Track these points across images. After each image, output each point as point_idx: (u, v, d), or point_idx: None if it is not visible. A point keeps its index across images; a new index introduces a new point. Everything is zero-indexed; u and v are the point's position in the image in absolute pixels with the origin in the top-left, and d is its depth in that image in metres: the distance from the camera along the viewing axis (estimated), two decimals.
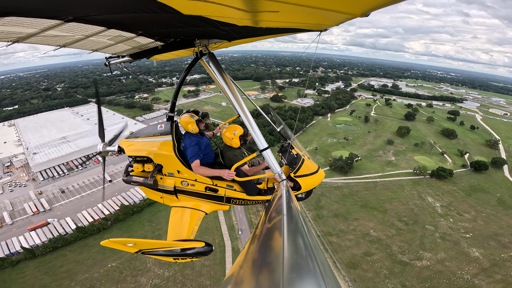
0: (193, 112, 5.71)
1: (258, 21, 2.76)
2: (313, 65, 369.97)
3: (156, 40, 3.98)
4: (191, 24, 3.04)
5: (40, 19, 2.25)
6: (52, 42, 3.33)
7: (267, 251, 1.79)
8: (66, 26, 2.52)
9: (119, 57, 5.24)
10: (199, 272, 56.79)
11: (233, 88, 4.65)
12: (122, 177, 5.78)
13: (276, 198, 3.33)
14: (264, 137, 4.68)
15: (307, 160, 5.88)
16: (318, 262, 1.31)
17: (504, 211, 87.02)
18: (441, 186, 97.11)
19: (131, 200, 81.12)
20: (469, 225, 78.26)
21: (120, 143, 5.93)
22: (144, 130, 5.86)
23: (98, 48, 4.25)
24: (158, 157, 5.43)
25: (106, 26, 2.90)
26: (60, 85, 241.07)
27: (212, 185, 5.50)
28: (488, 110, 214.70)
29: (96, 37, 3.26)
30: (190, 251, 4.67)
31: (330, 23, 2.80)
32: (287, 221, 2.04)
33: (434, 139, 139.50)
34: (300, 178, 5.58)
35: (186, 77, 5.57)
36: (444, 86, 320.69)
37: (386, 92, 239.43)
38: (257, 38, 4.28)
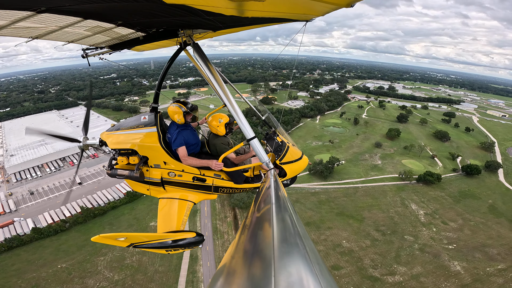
0: (182, 103, 5.55)
1: (244, 10, 2.65)
2: (311, 68, 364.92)
3: (137, 30, 3.77)
4: (174, 13, 2.87)
5: (10, 10, 2.11)
6: (24, 34, 3.12)
7: (257, 240, 1.78)
8: (38, 17, 2.36)
9: (97, 49, 4.87)
10: (151, 277, 53.99)
11: (218, 78, 4.42)
12: (106, 170, 5.45)
13: (265, 187, 3.27)
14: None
15: (292, 147, 5.77)
16: (307, 249, 1.32)
17: (495, 219, 79.24)
18: (427, 192, 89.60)
19: (95, 202, 78.59)
20: (454, 235, 70.75)
21: (102, 135, 5.61)
22: (126, 122, 5.49)
23: (74, 39, 4.00)
24: (143, 149, 5.22)
25: (82, 17, 2.70)
26: (55, 88, 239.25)
27: (199, 175, 5.35)
28: (485, 111, 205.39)
29: (71, 28, 3.05)
30: (181, 242, 4.54)
31: (315, 13, 2.71)
32: (276, 210, 2.05)
33: (426, 142, 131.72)
34: (285, 165, 5.48)
35: (169, 68, 5.28)
36: (442, 88, 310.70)
37: (382, 94, 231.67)
38: (242, 28, 4.20)
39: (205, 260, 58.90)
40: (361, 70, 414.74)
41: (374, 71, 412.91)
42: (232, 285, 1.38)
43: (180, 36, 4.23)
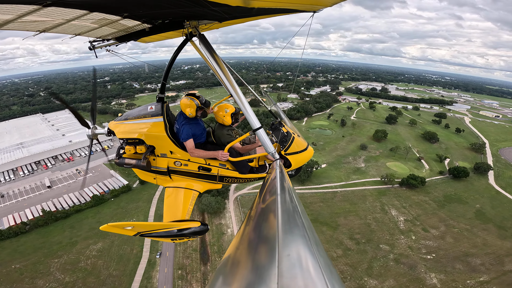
0: (196, 96, 5.32)
1: (250, 0, 2.65)
2: (305, 70, 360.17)
3: (143, 22, 3.76)
4: (180, 5, 2.87)
5: (16, 5, 2.13)
6: (31, 28, 3.13)
7: (262, 231, 1.77)
8: (45, 10, 2.34)
9: (103, 41, 4.81)
10: (103, 281, 51.93)
11: (224, 69, 4.38)
12: (114, 159, 5.56)
13: (270, 178, 3.24)
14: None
15: (297, 137, 5.60)
16: (311, 241, 1.31)
17: (482, 225, 73.02)
18: (410, 197, 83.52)
19: (59, 206, 76.30)
20: (434, 244, 64.58)
21: (110, 125, 5.62)
22: (134, 111, 5.45)
23: (81, 32, 3.95)
24: (150, 138, 5.23)
25: (89, 9, 2.67)
26: (47, 91, 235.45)
27: (205, 165, 5.32)
28: (478, 112, 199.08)
29: (78, 20, 3.02)
30: (187, 231, 4.53)
31: (323, 4, 2.68)
32: (281, 201, 2.02)
33: (414, 143, 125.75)
34: (290, 155, 5.38)
35: (175, 58, 5.08)
36: (436, 89, 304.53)
37: (374, 96, 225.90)
38: (248, 19, 4.08)
39: (163, 266, 56.02)
40: (356, 72, 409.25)
41: (369, 73, 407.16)
42: (236, 275, 1.37)
43: (186, 27, 4.16)
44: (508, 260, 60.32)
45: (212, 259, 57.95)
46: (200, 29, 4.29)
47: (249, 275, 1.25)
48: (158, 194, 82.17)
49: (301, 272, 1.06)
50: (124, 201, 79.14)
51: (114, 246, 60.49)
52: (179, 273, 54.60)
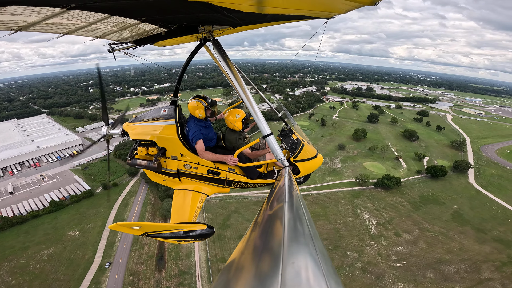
0: (203, 98, 5.41)
1: (264, 7, 2.67)
2: (293, 71, 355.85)
3: (159, 26, 3.83)
4: (195, 10, 2.92)
5: (42, 7, 2.20)
6: (55, 30, 3.20)
7: (268, 238, 1.75)
8: (68, 13, 2.43)
9: (122, 44, 4.92)
10: (49, 285, 50.21)
11: (237, 75, 4.33)
12: (127, 160, 5.55)
13: (279, 185, 3.21)
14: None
15: (307, 145, 5.58)
16: (317, 250, 1.28)
17: (459, 227, 67.64)
18: (385, 198, 77.94)
19: (17, 211, 72.82)
20: (405, 250, 58.83)
21: (124, 126, 5.62)
22: (147, 114, 5.48)
23: (102, 35, 4.08)
24: (162, 141, 5.23)
25: (109, 13, 2.77)
26: (27, 96, 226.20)
27: (214, 168, 5.27)
28: (461, 110, 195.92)
29: (99, 24, 3.12)
30: (193, 233, 4.50)
31: (337, 11, 2.63)
32: (288, 209, 2.00)
33: (394, 142, 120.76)
34: (299, 162, 5.31)
35: (189, 62, 5.15)
36: (420, 88, 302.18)
37: (358, 95, 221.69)
38: (262, 25, 4.12)
39: (114, 272, 53.36)
40: (344, 72, 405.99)
41: (356, 73, 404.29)
42: (240, 280, 1.35)
43: (201, 32, 4.18)
44: (486, 266, 54.85)
45: (168, 266, 54.45)
46: (214, 34, 4.27)
47: (252, 281, 1.23)
48: (120, 199, 78.23)
49: (305, 281, 1.03)
50: (84, 206, 75.30)
51: (66, 251, 57.97)
52: (130, 279, 51.64)
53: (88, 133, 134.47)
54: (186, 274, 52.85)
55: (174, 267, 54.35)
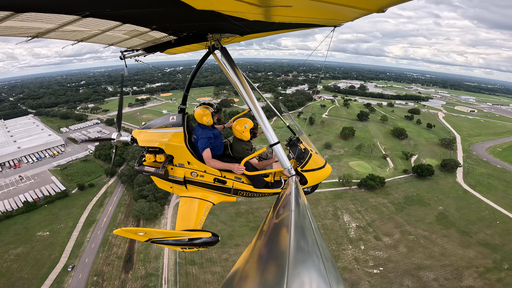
0: (208, 105, 5.44)
1: (271, 15, 2.68)
2: (288, 70, 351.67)
3: (169, 34, 3.89)
4: (204, 18, 2.95)
5: (58, 14, 2.25)
6: (70, 37, 3.29)
7: (273, 247, 1.73)
8: (83, 21, 2.50)
9: (133, 51, 4.96)
10: (13, 283, 49.54)
11: (245, 83, 4.29)
12: (135, 166, 5.40)
13: (285, 194, 3.19)
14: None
15: (315, 154, 5.49)
16: (323, 260, 1.27)
17: (443, 230, 63.59)
18: (368, 199, 73.86)
19: None
20: (384, 255, 54.76)
21: (133, 133, 5.54)
22: (156, 121, 5.44)
23: (114, 42, 4.18)
24: (170, 148, 5.17)
25: (122, 21, 2.84)
26: (17, 96, 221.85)
27: (220, 177, 5.21)
28: (453, 107, 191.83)
29: (111, 31, 3.19)
30: (197, 240, 4.54)
31: (344, 19, 2.67)
32: (295, 217, 1.97)
33: (383, 140, 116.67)
34: (307, 172, 5.20)
35: (198, 70, 5.27)
36: (414, 86, 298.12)
37: (351, 93, 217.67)
38: (269, 33, 4.14)
39: (78, 272, 52.33)
40: (339, 71, 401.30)
41: (351, 72, 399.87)
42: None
43: (209, 40, 4.20)
44: (468, 273, 50.85)
45: (136, 267, 52.85)
46: (222, 42, 4.29)
47: None
48: (95, 200, 75.88)
49: None
50: (58, 207, 73.25)
51: (33, 251, 57.01)
52: (94, 280, 50.52)
53: (71, 134, 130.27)
54: (153, 276, 50.81)
55: (141, 269, 52.68)
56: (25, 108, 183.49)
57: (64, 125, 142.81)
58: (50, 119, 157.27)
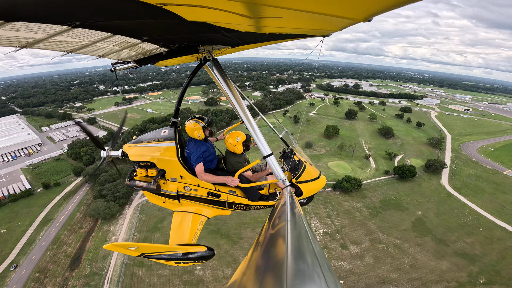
0: (199, 118, 5.22)
1: (261, 27, 2.67)
2: (283, 69, 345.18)
3: (160, 46, 3.80)
4: (195, 30, 2.95)
5: (48, 24, 2.19)
6: (60, 48, 3.22)
7: (270, 257, 1.71)
8: (73, 32, 2.43)
9: (124, 63, 4.81)
10: None
11: (236, 94, 4.23)
12: (126, 181, 5.27)
13: (280, 204, 3.18)
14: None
15: (309, 166, 5.33)
16: (322, 268, 1.24)
17: (417, 238, 57.46)
18: (341, 203, 67.77)
19: None
20: (348, 266, 48.84)
21: (124, 147, 5.37)
22: (148, 135, 5.31)
23: (104, 54, 4.05)
24: (162, 162, 5.02)
25: (112, 32, 2.78)
26: (10, 95, 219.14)
27: (214, 191, 5.09)
28: (448, 106, 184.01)
29: (102, 43, 3.13)
30: (192, 255, 4.47)
31: (333, 28, 2.71)
32: (291, 227, 1.95)
33: (368, 139, 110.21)
34: (301, 184, 5.06)
35: (189, 82, 5.00)
36: (411, 85, 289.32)
37: (344, 92, 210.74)
38: (260, 44, 4.15)
39: (23, 268, 50.94)
40: (336, 70, 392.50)
41: (348, 71, 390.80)
42: None
43: (201, 52, 4.17)
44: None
45: (82, 266, 51.19)
46: (214, 53, 4.26)
47: None
48: (57, 199, 73.54)
49: None
50: (20, 205, 70.98)
51: None
52: (36, 276, 49.23)
53: (51, 132, 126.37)
54: (96, 275, 48.91)
55: (87, 268, 50.97)
56: (14, 107, 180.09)
57: (47, 124, 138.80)
58: (35, 118, 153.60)
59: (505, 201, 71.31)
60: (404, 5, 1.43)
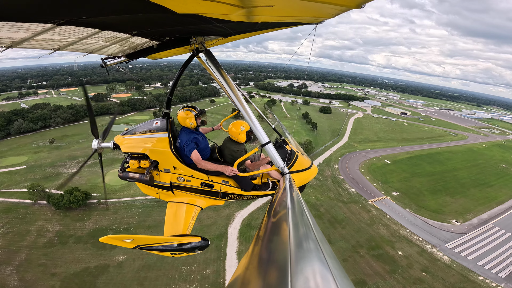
0: (191, 107, 4.77)
1: (253, 16, 2.46)
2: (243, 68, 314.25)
3: (151, 39, 3.49)
4: (186, 22, 2.68)
5: (31, 23, 2.01)
6: (46, 46, 2.97)
7: (273, 246, 1.61)
8: (58, 29, 2.22)
9: (114, 58, 4.45)
10: None
11: (231, 84, 3.90)
12: (118, 173, 4.76)
13: (280, 192, 3.01)
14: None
15: (301, 156, 4.89)
16: (324, 254, 1.16)
17: None
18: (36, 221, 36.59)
19: None
20: None
21: (116, 139, 4.81)
22: (140, 126, 4.79)
23: (93, 50, 3.74)
24: (154, 154, 4.56)
25: (99, 28, 2.54)
26: None
27: (208, 181, 4.69)
28: (384, 109, 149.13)
29: (90, 39, 2.86)
30: (187, 245, 4.06)
31: (325, 16, 2.53)
32: (292, 214, 1.86)
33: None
34: (294, 173, 4.62)
35: (181, 74, 4.55)
36: (367, 89, 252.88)
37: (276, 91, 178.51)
38: (253, 33, 3.77)
39: None
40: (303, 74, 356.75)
41: (313, 75, 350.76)
42: None
43: (193, 43, 3.77)
44: None
45: None
46: (206, 44, 3.86)
47: None
48: None
49: (315, 287, 0.93)
50: None
51: None
52: None
53: None
54: None
55: None
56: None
57: None
58: None
59: None
60: None
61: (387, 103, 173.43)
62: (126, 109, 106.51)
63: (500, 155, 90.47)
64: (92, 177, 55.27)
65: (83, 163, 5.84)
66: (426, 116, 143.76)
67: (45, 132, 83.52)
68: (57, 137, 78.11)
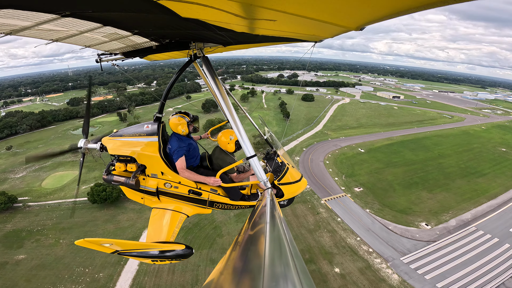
0: (184, 113, 4.68)
1: (255, 28, 2.49)
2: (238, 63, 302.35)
3: (151, 40, 3.45)
4: (188, 27, 2.67)
5: (37, 12, 1.95)
6: (45, 36, 2.85)
7: (248, 258, 1.58)
8: (62, 21, 2.16)
9: (111, 54, 4.34)
10: None
11: (224, 93, 3.80)
12: (103, 175, 4.60)
13: (260, 206, 2.96)
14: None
15: (291, 168, 4.90)
16: (298, 270, 1.15)
17: None
18: None
19: None
20: None
21: (103, 141, 4.70)
22: (129, 129, 4.66)
23: (91, 44, 3.62)
24: (142, 158, 4.43)
25: (102, 23, 2.49)
26: None
27: (196, 189, 4.54)
28: (375, 94, 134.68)
29: (90, 33, 2.79)
30: (169, 253, 3.94)
31: (325, 35, 2.58)
32: (270, 229, 1.83)
33: None
34: (283, 185, 4.73)
35: (177, 79, 4.45)
36: (363, 75, 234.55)
37: (263, 82, 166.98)
38: (252, 45, 3.87)
39: None
40: (299, 64, 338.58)
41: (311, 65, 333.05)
42: None
43: (192, 49, 3.72)
44: None
45: None
46: (205, 51, 3.82)
47: None
48: None
49: None
50: None
51: None
52: None
53: None
54: None
55: None
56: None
57: None
58: None
59: None
60: (395, 16, 1.31)
61: (381, 87, 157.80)
62: (96, 111, 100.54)
63: (500, 137, 76.42)
64: (32, 181, 51.09)
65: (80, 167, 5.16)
66: (422, 99, 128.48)
67: (11, 139, 79.67)
68: (20, 144, 74.63)
